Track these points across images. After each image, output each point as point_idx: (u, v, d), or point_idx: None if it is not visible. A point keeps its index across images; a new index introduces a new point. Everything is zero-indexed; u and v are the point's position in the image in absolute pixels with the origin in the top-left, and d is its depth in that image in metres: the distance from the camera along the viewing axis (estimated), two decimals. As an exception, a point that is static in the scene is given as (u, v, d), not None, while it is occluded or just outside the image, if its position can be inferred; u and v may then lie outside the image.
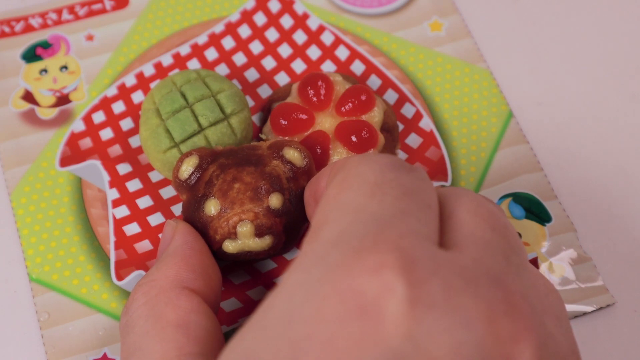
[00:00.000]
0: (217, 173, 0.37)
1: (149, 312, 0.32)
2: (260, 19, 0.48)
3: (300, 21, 0.48)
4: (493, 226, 0.28)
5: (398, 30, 0.48)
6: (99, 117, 0.44)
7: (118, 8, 0.48)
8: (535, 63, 0.47)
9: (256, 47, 0.47)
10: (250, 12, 0.48)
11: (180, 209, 0.41)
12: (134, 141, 0.44)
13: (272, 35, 0.47)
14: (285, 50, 0.47)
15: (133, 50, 0.47)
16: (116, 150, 0.43)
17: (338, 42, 0.47)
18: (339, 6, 0.48)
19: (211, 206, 0.37)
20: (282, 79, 0.46)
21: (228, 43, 0.47)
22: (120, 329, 0.34)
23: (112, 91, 0.45)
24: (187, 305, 0.33)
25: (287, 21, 0.48)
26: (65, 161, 0.43)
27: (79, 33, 0.47)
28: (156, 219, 0.42)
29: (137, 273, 0.40)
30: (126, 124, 0.44)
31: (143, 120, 0.41)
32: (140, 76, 0.46)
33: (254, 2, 0.48)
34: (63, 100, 0.45)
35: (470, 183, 0.43)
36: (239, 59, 0.47)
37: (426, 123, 0.44)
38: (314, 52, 0.47)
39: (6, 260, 0.41)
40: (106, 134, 0.44)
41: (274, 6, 0.48)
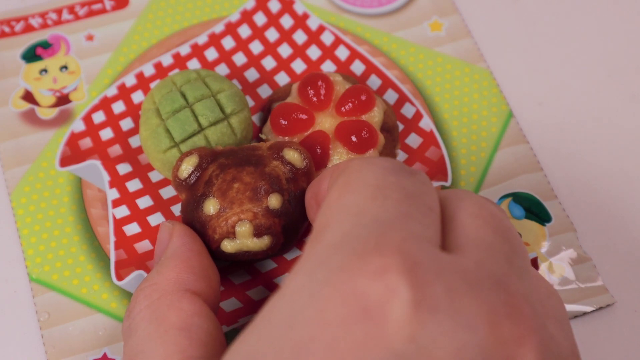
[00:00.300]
0: (217, 173, 0.37)
1: (152, 316, 0.32)
2: (260, 19, 0.48)
3: (300, 21, 0.48)
4: (495, 229, 0.28)
5: (398, 30, 0.48)
6: (99, 117, 0.44)
7: (118, 8, 0.48)
8: (535, 63, 0.47)
9: (256, 47, 0.47)
10: (250, 12, 0.48)
11: (180, 209, 0.41)
12: (134, 141, 0.44)
13: (272, 35, 0.47)
14: (285, 50, 0.47)
15: (133, 50, 0.47)
16: (116, 150, 0.43)
17: (338, 42, 0.47)
18: (339, 6, 0.48)
19: (210, 205, 0.37)
20: (282, 79, 0.46)
21: (228, 43, 0.47)
22: (122, 332, 0.34)
23: (112, 91, 0.45)
24: (190, 308, 0.33)
25: (287, 21, 0.48)
26: (65, 161, 0.43)
27: (79, 33, 0.47)
28: (156, 219, 0.42)
29: (137, 273, 0.40)
30: (126, 124, 0.44)
31: (143, 120, 0.41)
32: (140, 76, 0.46)
33: (254, 2, 0.48)
34: (63, 100, 0.45)
35: (470, 183, 0.43)
36: (239, 59, 0.47)
37: (426, 123, 0.44)
38: (314, 52, 0.47)
39: (6, 260, 0.41)
40: (106, 134, 0.44)
41: (274, 6, 0.48)
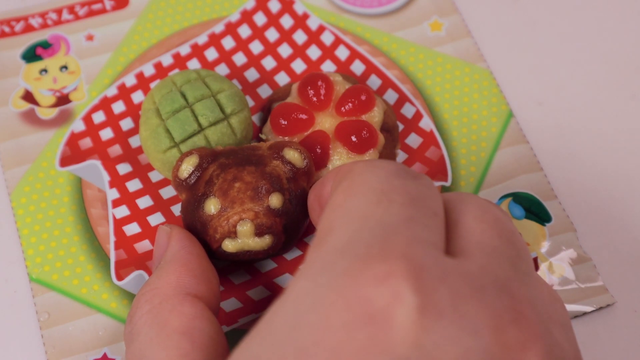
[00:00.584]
0: (218, 172, 0.37)
1: (153, 320, 0.32)
2: (260, 19, 0.48)
3: (300, 21, 0.48)
4: (500, 233, 0.28)
5: (398, 30, 0.48)
6: (99, 117, 0.44)
7: (118, 8, 0.48)
8: (535, 63, 0.47)
9: (256, 47, 0.47)
10: (250, 12, 0.48)
11: (180, 209, 0.41)
12: (134, 141, 0.44)
13: (272, 35, 0.47)
14: (285, 50, 0.47)
15: (133, 50, 0.47)
16: (116, 150, 0.43)
17: (338, 42, 0.47)
18: (339, 6, 0.48)
19: (211, 205, 0.37)
20: (282, 79, 0.46)
21: (228, 43, 0.47)
22: (124, 338, 0.33)
23: (112, 91, 0.45)
24: (191, 311, 0.33)
25: (287, 21, 0.48)
26: (65, 161, 0.43)
27: (79, 33, 0.47)
28: (156, 219, 0.41)
29: (137, 273, 0.40)
30: (126, 124, 0.44)
31: (143, 120, 0.41)
32: (140, 76, 0.46)
33: (254, 2, 0.48)
34: (63, 100, 0.45)
35: (470, 183, 0.43)
36: (239, 59, 0.47)
37: (426, 123, 0.44)
38: (314, 52, 0.47)
39: (6, 260, 0.41)
40: (106, 134, 0.44)
41: (274, 6, 0.48)
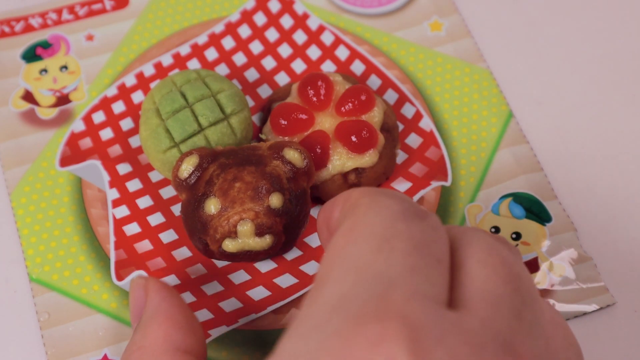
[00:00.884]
0: (218, 172, 0.37)
1: None
2: (260, 19, 0.48)
3: (300, 21, 0.48)
4: (505, 278, 0.26)
5: (398, 30, 0.48)
6: (99, 117, 0.44)
7: (118, 8, 0.48)
8: (535, 63, 0.47)
9: (256, 47, 0.47)
10: (250, 12, 0.48)
11: (180, 209, 0.41)
12: (134, 141, 0.44)
13: (272, 35, 0.47)
14: (285, 50, 0.47)
15: (133, 50, 0.47)
16: (116, 150, 0.43)
17: (338, 42, 0.47)
18: (339, 6, 0.48)
19: (211, 205, 0.37)
20: (282, 79, 0.46)
21: (228, 43, 0.47)
22: None
23: (112, 91, 0.45)
24: None
25: (287, 21, 0.48)
26: (65, 161, 0.43)
27: (79, 33, 0.47)
28: (156, 219, 0.42)
29: (137, 273, 0.40)
30: (126, 124, 0.44)
31: (143, 120, 0.41)
32: (140, 76, 0.46)
33: (254, 2, 0.48)
34: (63, 100, 0.45)
35: (470, 183, 0.43)
36: (239, 59, 0.47)
37: (426, 123, 0.44)
38: (314, 52, 0.47)
39: (6, 260, 0.41)
40: (106, 134, 0.44)
41: (274, 6, 0.48)
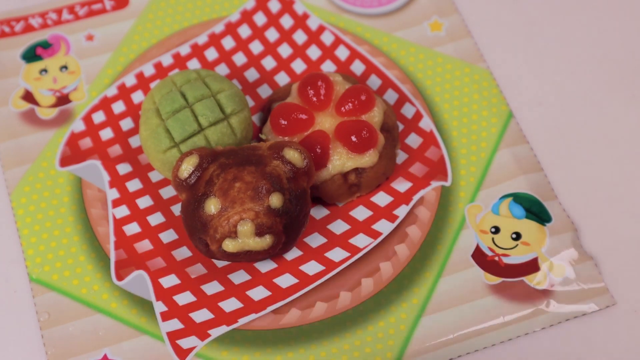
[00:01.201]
0: (218, 172, 0.37)
1: None
2: (260, 19, 0.48)
3: (300, 21, 0.48)
4: None
5: (398, 30, 0.48)
6: (99, 117, 0.44)
7: (118, 8, 0.48)
8: (535, 63, 0.47)
9: (256, 47, 0.47)
10: (250, 12, 0.48)
11: (180, 209, 0.41)
12: (134, 141, 0.44)
13: (272, 35, 0.47)
14: (285, 50, 0.47)
15: (133, 50, 0.47)
16: (116, 150, 0.43)
17: (338, 42, 0.47)
18: (339, 6, 0.48)
19: (211, 205, 0.37)
20: (282, 79, 0.46)
21: (228, 43, 0.47)
22: None
23: (112, 91, 0.45)
24: None
25: (287, 21, 0.48)
26: (65, 161, 0.43)
27: (79, 33, 0.47)
28: (156, 219, 0.41)
29: (137, 273, 0.40)
30: (126, 124, 0.44)
31: (143, 120, 0.41)
32: (140, 76, 0.46)
33: (254, 2, 0.48)
34: (63, 100, 0.45)
35: (470, 183, 0.43)
36: (239, 59, 0.47)
37: (426, 123, 0.44)
38: (314, 52, 0.47)
39: (6, 260, 0.41)
40: (106, 134, 0.44)
41: (274, 6, 0.48)
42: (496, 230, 0.41)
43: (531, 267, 0.40)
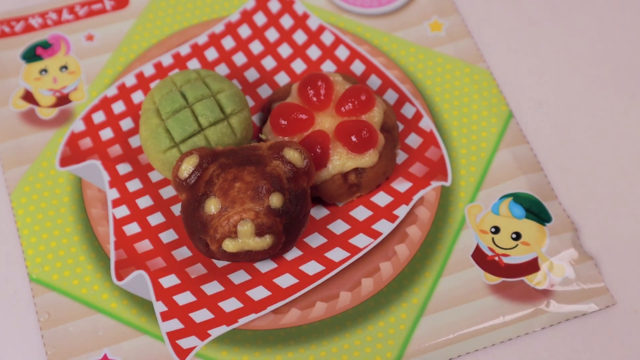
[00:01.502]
0: (218, 172, 0.37)
1: None
2: (260, 19, 0.48)
3: (300, 21, 0.48)
4: None
5: (398, 30, 0.48)
6: (99, 117, 0.44)
7: (118, 8, 0.48)
8: (535, 63, 0.47)
9: (256, 47, 0.47)
10: (250, 12, 0.48)
11: (180, 209, 0.41)
12: (134, 141, 0.44)
13: (272, 35, 0.47)
14: (285, 50, 0.47)
15: (133, 50, 0.47)
16: (116, 150, 0.43)
17: (338, 42, 0.47)
18: (339, 6, 0.48)
19: (211, 205, 0.37)
20: (282, 79, 0.46)
21: (228, 43, 0.47)
22: None
23: (112, 91, 0.45)
24: None
25: (287, 21, 0.48)
26: (65, 161, 0.43)
27: (79, 33, 0.47)
28: (156, 219, 0.42)
29: (137, 273, 0.40)
30: (126, 124, 0.44)
31: (143, 120, 0.41)
32: (140, 76, 0.46)
33: (254, 2, 0.48)
34: (63, 100, 0.45)
35: (470, 183, 0.43)
36: (239, 59, 0.47)
37: (426, 123, 0.44)
38: (314, 52, 0.47)
39: (6, 260, 0.41)
40: (106, 134, 0.44)
41: (274, 6, 0.48)
42: (496, 230, 0.41)
43: (531, 267, 0.40)
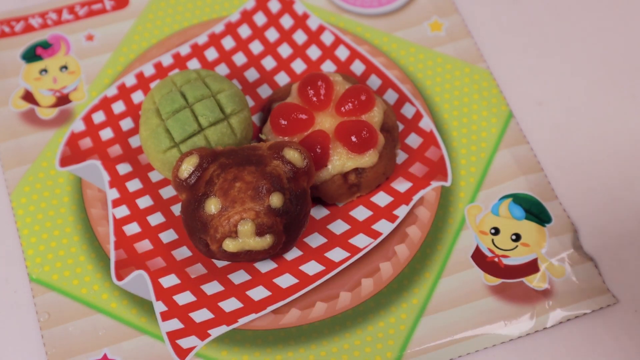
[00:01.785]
0: (218, 172, 0.37)
1: None
2: (260, 19, 0.48)
3: (300, 21, 0.48)
4: None
5: (398, 30, 0.48)
6: (99, 117, 0.44)
7: (118, 8, 0.48)
8: (535, 63, 0.47)
9: (256, 47, 0.47)
10: (250, 12, 0.48)
11: (180, 209, 0.41)
12: (134, 141, 0.44)
13: (272, 35, 0.47)
14: (285, 50, 0.47)
15: (133, 50, 0.47)
16: (116, 150, 0.43)
17: (338, 42, 0.47)
18: (339, 6, 0.48)
19: (212, 205, 0.37)
20: (282, 79, 0.46)
21: (228, 43, 0.47)
22: None
23: (112, 91, 0.45)
24: None
25: (287, 21, 0.48)
26: (65, 161, 0.43)
27: (79, 33, 0.47)
28: (156, 219, 0.42)
29: (137, 273, 0.40)
30: (126, 124, 0.44)
31: (143, 120, 0.41)
32: (140, 76, 0.46)
33: (254, 2, 0.48)
34: (63, 100, 0.45)
35: (470, 183, 0.43)
36: (239, 59, 0.47)
37: (426, 123, 0.44)
38: (314, 52, 0.47)
39: (6, 260, 0.41)
40: (106, 134, 0.44)
41: (274, 6, 0.48)
42: (496, 231, 0.41)
43: (531, 268, 0.40)
